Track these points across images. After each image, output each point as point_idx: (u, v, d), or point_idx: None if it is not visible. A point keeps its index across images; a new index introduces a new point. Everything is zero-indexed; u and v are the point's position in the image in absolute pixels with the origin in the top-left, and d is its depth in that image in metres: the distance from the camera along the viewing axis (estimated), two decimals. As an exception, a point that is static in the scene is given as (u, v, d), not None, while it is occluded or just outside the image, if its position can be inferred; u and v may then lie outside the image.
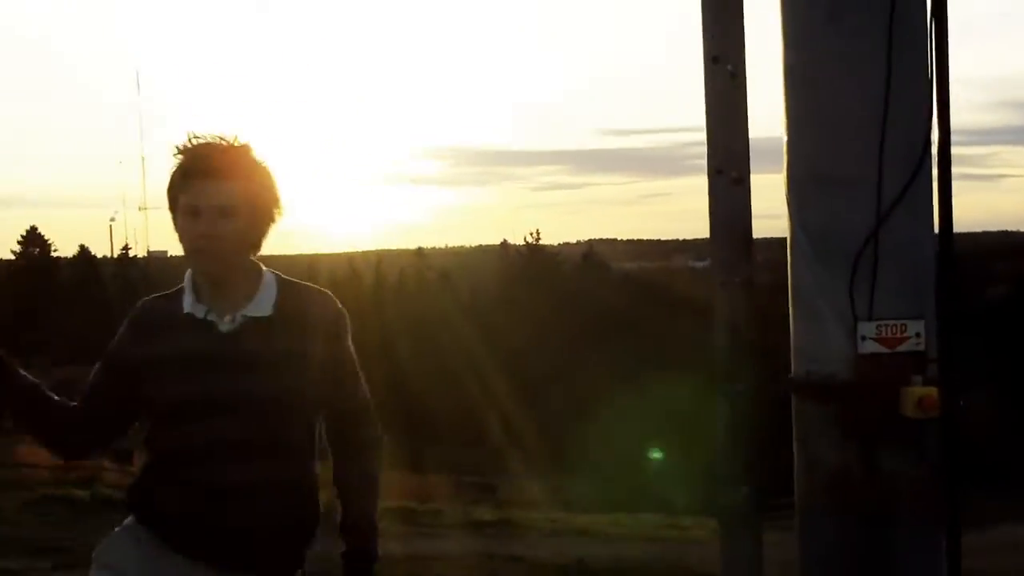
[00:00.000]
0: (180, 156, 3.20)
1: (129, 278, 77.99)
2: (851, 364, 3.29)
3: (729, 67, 3.61)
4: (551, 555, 12.82)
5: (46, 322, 62.66)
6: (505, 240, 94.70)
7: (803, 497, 3.48)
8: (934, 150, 3.37)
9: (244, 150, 3.22)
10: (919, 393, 3.19)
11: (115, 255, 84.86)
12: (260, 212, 3.24)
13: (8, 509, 15.34)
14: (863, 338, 3.27)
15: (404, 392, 52.37)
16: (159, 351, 3.25)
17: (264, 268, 3.35)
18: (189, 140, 3.21)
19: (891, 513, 3.32)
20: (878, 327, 3.27)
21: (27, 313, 63.44)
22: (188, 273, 3.31)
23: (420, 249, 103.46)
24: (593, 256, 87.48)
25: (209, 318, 3.23)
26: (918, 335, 3.29)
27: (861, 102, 3.35)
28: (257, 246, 3.31)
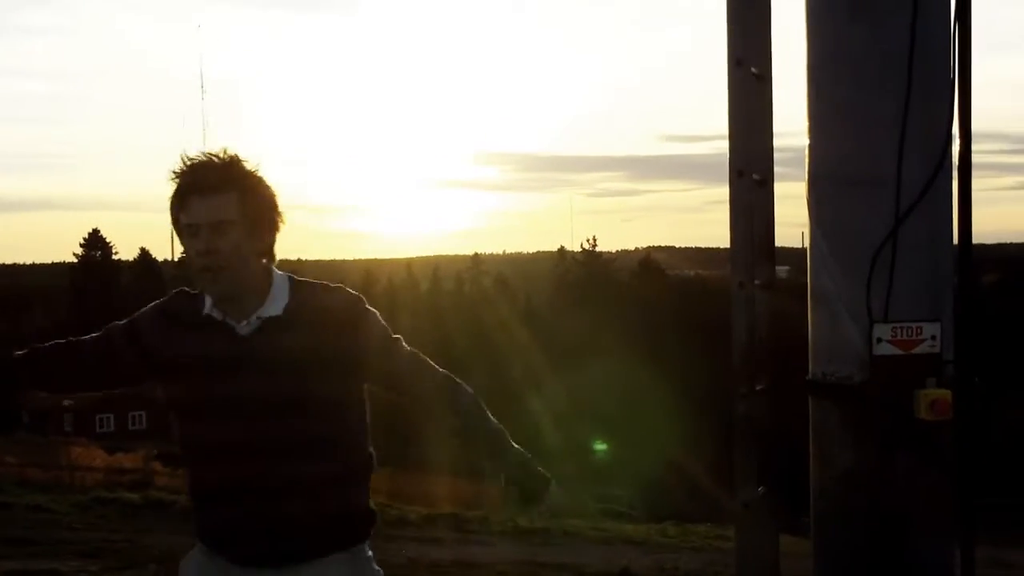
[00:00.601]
0: (176, 179, 3.22)
1: (188, 281, 78.59)
2: (866, 365, 3.29)
3: (754, 69, 3.60)
4: (597, 563, 12.79)
5: (105, 324, 63.24)
6: (562, 247, 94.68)
7: (818, 497, 3.48)
8: (955, 156, 3.37)
9: (233, 162, 3.23)
10: (932, 396, 3.18)
11: (176, 258, 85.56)
12: (257, 221, 3.24)
13: (60, 511, 15.51)
14: (879, 340, 3.26)
15: (458, 398, 52.33)
16: (181, 350, 3.29)
17: (275, 270, 3.36)
18: (183, 162, 3.23)
19: (905, 516, 3.32)
20: (893, 329, 3.27)
21: (87, 315, 64.15)
22: None
23: (477, 255, 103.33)
24: (650, 263, 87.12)
25: (228, 321, 3.26)
26: (933, 337, 3.27)
27: (881, 103, 3.35)
28: (264, 254, 3.31)
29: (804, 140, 3.57)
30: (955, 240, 3.39)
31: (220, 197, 3.16)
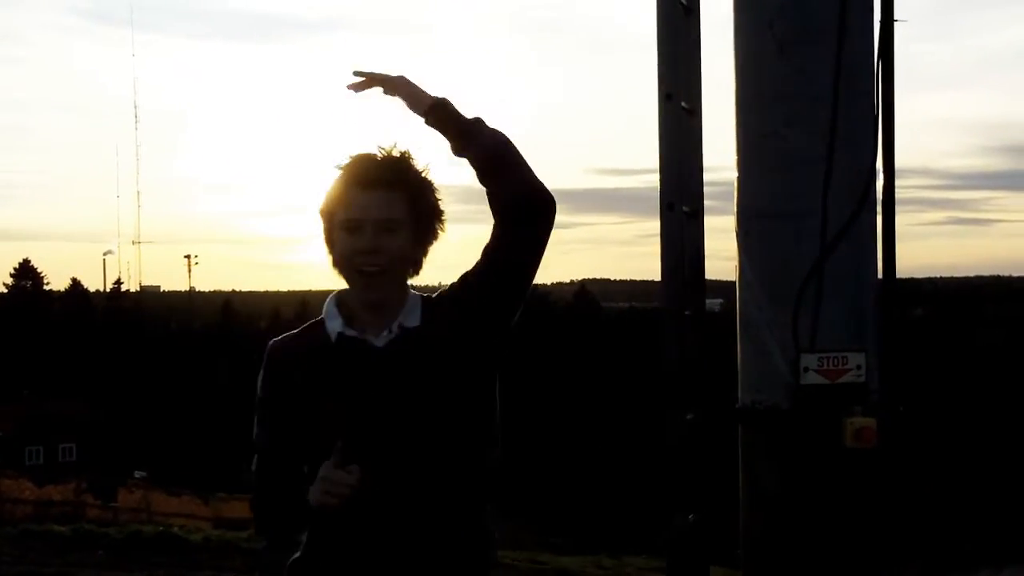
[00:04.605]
0: (339, 170, 2.92)
1: (121, 312, 77.90)
2: (794, 394, 3.35)
3: (684, 104, 3.66)
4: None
5: (37, 355, 62.45)
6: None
7: (747, 525, 3.52)
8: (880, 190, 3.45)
9: (405, 159, 2.94)
10: (858, 424, 3.24)
11: (108, 289, 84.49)
12: (424, 226, 2.94)
13: (-11, 544, 15.24)
14: (805, 369, 3.32)
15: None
16: (310, 381, 2.90)
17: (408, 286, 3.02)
18: (349, 156, 2.94)
19: (833, 543, 3.37)
20: (820, 359, 3.32)
21: (18, 346, 63.33)
22: (330, 301, 2.98)
23: (413, 287, 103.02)
24: (585, 295, 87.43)
25: (366, 337, 2.89)
26: (859, 367, 3.33)
27: (808, 138, 3.42)
28: (418, 264, 3.01)
29: (734, 174, 3.63)
30: (879, 272, 3.46)
31: (390, 194, 2.87)
